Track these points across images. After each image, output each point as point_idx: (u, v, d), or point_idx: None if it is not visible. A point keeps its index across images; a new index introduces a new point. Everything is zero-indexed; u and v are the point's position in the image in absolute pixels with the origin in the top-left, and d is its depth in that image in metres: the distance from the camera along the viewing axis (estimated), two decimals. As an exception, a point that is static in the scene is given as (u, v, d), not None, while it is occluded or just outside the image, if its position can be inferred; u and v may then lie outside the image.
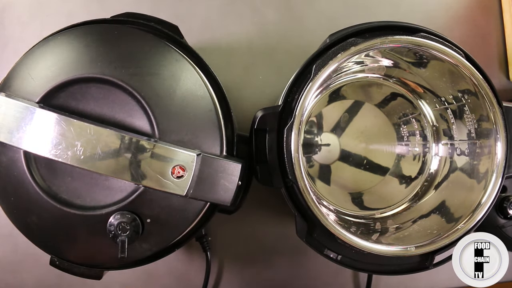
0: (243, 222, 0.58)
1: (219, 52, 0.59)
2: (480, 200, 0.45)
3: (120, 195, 0.39)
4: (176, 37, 0.45)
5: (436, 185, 0.53)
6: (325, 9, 0.60)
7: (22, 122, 0.37)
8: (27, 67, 0.40)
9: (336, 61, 0.42)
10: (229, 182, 0.39)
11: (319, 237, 0.45)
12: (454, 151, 0.52)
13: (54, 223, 0.40)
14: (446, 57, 0.43)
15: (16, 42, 0.57)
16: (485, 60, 0.62)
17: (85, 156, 0.37)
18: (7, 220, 0.41)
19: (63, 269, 0.42)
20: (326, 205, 0.53)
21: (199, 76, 0.42)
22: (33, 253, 0.56)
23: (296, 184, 0.41)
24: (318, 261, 0.58)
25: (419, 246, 0.43)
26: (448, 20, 0.62)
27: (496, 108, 0.44)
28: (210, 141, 0.40)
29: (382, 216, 0.54)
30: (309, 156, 0.56)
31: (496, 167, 0.45)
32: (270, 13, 0.59)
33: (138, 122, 0.39)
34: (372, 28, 0.44)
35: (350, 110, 0.56)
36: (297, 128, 0.41)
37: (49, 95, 0.39)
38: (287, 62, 0.59)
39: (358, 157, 0.56)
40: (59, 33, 0.42)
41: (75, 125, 0.37)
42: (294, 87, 0.44)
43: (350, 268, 0.47)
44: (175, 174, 0.38)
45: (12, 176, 0.39)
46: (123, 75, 0.39)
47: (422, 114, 0.55)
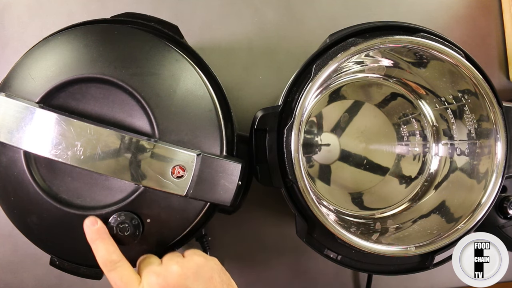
0: (243, 222, 0.58)
1: (219, 52, 0.59)
2: (480, 200, 0.45)
3: (120, 195, 0.39)
4: (176, 37, 0.45)
5: (436, 185, 0.53)
6: (325, 9, 0.60)
7: (22, 122, 0.37)
8: (27, 67, 0.40)
9: (336, 61, 0.42)
10: (229, 182, 0.39)
11: (319, 237, 0.45)
12: (454, 151, 0.52)
13: (54, 223, 0.40)
14: (446, 57, 0.44)
15: (16, 42, 0.57)
16: (485, 60, 0.62)
17: (85, 156, 0.37)
18: (7, 220, 0.41)
19: (63, 269, 0.42)
20: (326, 205, 0.53)
21: (199, 76, 0.42)
22: (33, 253, 0.56)
23: (296, 184, 0.41)
24: (318, 261, 0.58)
25: (419, 246, 0.43)
26: (448, 20, 0.62)
27: (496, 108, 0.44)
28: (210, 141, 0.40)
29: (382, 216, 0.54)
30: (309, 156, 0.56)
31: (496, 167, 0.45)
32: (270, 13, 0.59)
33: (138, 122, 0.39)
34: (372, 28, 0.44)
35: (350, 110, 0.56)
36: (297, 128, 0.41)
37: (49, 95, 0.39)
38: (287, 62, 0.59)
39: (358, 157, 0.56)
40: (59, 33, 0.42)
41: (75, 125, 0.37)
42: (294, 87, 0.44)
43: (350, 268, 0.47)
44: (175, 174, 0.38)
45: (12, 176, 0.39)
46: (123, 75, 0.39)
47: (422, 114, 0.55)
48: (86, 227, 0.38)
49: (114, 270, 0.36)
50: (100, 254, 0.36)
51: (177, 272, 0.36)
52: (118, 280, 0.36)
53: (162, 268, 0.37)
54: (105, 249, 0.36)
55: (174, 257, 0.38)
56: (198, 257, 0.38)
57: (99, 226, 0.37)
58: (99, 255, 0.36)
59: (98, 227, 0.37)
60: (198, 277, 0.37)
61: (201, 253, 0.40)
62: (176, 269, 0.36)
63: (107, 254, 0.36)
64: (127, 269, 0.36)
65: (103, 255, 0.36)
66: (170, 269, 0.36)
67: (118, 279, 0.36)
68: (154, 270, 0.36)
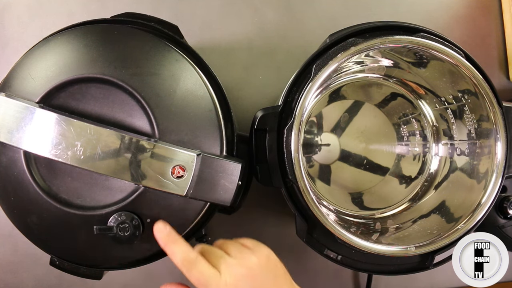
0: (243, 222, 0.58)
1: (219, 52, 0.59)
2: (480, 200, 0.45)
3: (120, 195, 0.39)
4: (176, 37, 0.45)
5: (436, 185, 0.53)
6: (325, 9, 0.60)
7: (22, 122, 0.37)
8: (27, 67, 0.40)
9: (336, 61, 0.42)
10: (229, 182, 0.39)
11: (319, 237, 0.45)
12: (454, 151, 0.52)
13: (54, 223, 0.40)
14: (446, 57, 0.44)
15: (16, 42, 0.57)
16: (485, 60, 0.62)
17: (85, 156, 0.37)
18: (7, 220, 0.41)
19: (63, 269, 0.42)
20: (326, 205, 0.53)
21: (199, 76, 0.42)
22: (33, 253, 0.56)
23: (296, 184, 0.41)
24: (318, 261, 0.58)
25: (419, 246, 0.43)
26: (448, 20, 0.62)
27: (496, 108, 0.44)
28: (210, 141, 0.40)
29: (382, 216, 0.54)
30: (309, 156, 0.56)
31: (496, 167, 0.45)
32: (270, 13, 0.59)
33: (138, 122, 0.39)
34: (372, 28, 0.44)
35: (350, 110, 0.56)
36: (297, 128, 0.41)
37: (49, 95, 0.39)
38: (287, 62, 0.59)
39: (358, 157, 0.56)
40: (59, 33, 0.42)
41: (75, 125, 0.37)
42: (294, 87, 0.44)
43: (350, 268, 0.47)
44: (175, 174, 0.38)
45: (12, 176, 0.39)
46: (123, 75, 0.39)
47: (422, 114, 0.55)
48: (159, 232, 0.38)
49: (195, 268, 0.36)
50: (179, 256, 0.36)
51: (257, 263, 0.37)
52: (201, 276, 0.36)
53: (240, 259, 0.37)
54: (181, 250, 0.36)
55: (240, 247, 0.39)
56: (264, 247, 0.39)
57: (169, 230, 0.38)
58: (177, 258, 0.36)
59: (169, 230, 0.38)
60: (270, 267, 0.38)
61: (259, 243, 0.40)
62: (255, 260, 0.37)
63: (185, 254, 0.36)
64: (205, 264, 0.36)
65: (181, 257, 0.36)
66: (250, 260, 0.37)
67: (200, 275, 0.36)
68: (232, 262, 0.37)
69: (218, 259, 0.37)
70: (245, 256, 0.37)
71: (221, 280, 0.36)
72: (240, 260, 0.37)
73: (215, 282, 0.36)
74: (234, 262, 0.37)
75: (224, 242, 0.40)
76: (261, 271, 0.37)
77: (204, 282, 0.36)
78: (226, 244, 0.40)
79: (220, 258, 0.37)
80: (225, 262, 0.37)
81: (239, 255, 0.38)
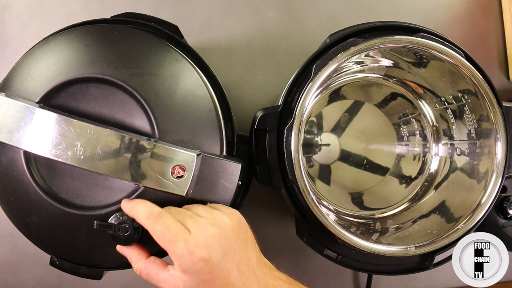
0: (243, 222, 0.58)
1: (219, 52, 0.59)
2: (480, 200, 0.45)
3: (120, 195, 0.39)
4: (176, 37, 0.45)
5: (436, 185, 0.53)
6: (325, 9, 0.60)
7: (22, 122, 0.37)
8: (27, 67, 0.40)
9: (336, 61, 0.42)
10: (229, 182, 0.39)
11: (319, 237, 0.45)
12: (454, 151, 0.52)
13: (54, 223, 0.39)
14: (446, 57, 0.44)
15: (16, 42, 0.57)
16: (485, 60, 0.62)
17: (85, 156, 0.37)
18: (7, 220, 0.41)
19: (63, 269, 0.42)
20: (326, 205, 0.53)
21: (199, 76, 0.42)
22: (33, 253, 0.56)
23: (296, 184, 0.41)
24: (318, 261, 0.58)
25: (419, 246, 0.43)
26: (448, 20, 0.62)
27: (496, 108, 0.44)
28: (210, 141, 0.40)
29: (382, 216, 0.54)
30: (309, 156, 0.56)
31: (496, 167, 0.45)
32: (270, 13, 0.59)
33: (138, 122, 0.39)
34: (372, 28, 0.44)
35: (350, 110, 0.56)
36: (297, 128, 0.41)
37: (49, 95, 0.39)
38: (287, 62, 0.59)
39: (358, 157, 0.56)
40: (59, 33, 0.42)
41: (75, 125, 0.37)
42: (294, 87, 0.44)
43: (350, 268, 0.47)
44: (175, 174, 0.38)
45: (12, 176, 0.39)
46: (123, 75, 0.39)
47: (422, 114, 0.55)
48: (123, 203, 0.37)
49: (159, 221, 0.34)
50: (142, 212, 0.34)
51: (230, 225, 0.35)
52: (166, 231, 0.33)
53: (212, 219, 0.35)
54: (145, 206, 0.35)
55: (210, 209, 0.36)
56: (235, 211, 0.37)
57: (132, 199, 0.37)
58: (139, 213, 0.34)
59: (132, 199, 0.37)
60: (241, 232, 0.36)
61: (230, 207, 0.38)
62: (228, 221, 0.35)
63: (149, 209, 0.35)
64: (172, 219, 0.34)
65: (145, 212, 0.34)
66: (223, 220, 0.35)
67: (165, 230, 0.33)
68: (203, 221, 0.34)
69: (188, 219, 0.35)
70: (216, 216, 0.35)
71: (190, 237, 0.33)
72: (211, 220, 0.34)
73: (183, 238, 0.33)
74: (206, 221, 0.34)
75: (194, 205, 0.37)
76: (233, 234, 0.34)
77: (170, 237, 0.33)
78: (196, 206, 0.37)
79: (189, 218, 0.35)
80: (195, 221, 0.34)
81: (210, 216, 0.35)
